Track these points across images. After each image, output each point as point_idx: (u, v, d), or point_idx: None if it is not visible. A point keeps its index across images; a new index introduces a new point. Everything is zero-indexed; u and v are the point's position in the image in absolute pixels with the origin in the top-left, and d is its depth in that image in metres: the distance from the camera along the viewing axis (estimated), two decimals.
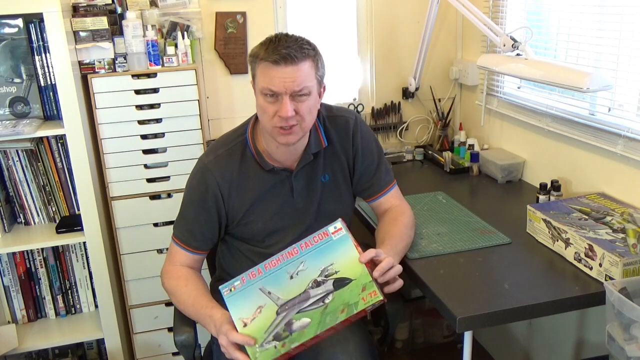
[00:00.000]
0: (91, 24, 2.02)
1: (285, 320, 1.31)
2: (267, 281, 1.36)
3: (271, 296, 1.34)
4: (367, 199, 1.71)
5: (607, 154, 1.76)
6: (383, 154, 1.70)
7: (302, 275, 1.34)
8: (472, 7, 2.04)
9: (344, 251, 1.35)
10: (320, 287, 1.32)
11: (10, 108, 2.05)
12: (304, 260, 1.35)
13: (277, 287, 1.35)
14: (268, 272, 1.36)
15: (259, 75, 1.43)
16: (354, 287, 1.31)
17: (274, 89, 1.40)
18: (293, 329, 1.30)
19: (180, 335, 1.57)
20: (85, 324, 2.24)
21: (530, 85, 2.14)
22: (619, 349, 1.27)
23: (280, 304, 1.33)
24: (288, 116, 1.41)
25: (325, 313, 1.30)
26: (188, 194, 1.60)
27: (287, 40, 1.41)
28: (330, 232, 1.37)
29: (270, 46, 1.40)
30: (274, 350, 1.29)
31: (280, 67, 1.38)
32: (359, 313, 1.29)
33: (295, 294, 1.33)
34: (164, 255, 2.26)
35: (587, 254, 1.46)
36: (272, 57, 1.38)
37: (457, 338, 2.50)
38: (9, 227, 2.12)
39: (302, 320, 1.30)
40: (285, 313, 1.32)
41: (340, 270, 1.33)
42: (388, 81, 2.59)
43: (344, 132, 1.62)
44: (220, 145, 1.59)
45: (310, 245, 1.37)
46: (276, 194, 1.57)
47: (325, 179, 1.61)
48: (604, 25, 1.77)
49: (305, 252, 1.36)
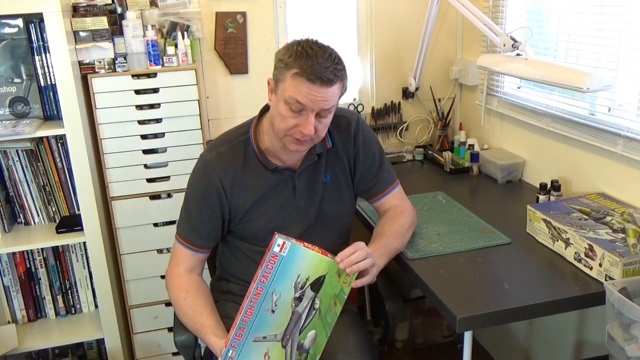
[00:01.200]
0: (91, 24, 2.02)
1: (294, 346, 1.32)
2: (255, 330, 1.32)
3: (268, 338, 1.33)
4: (369, 200, 1.71)
5: (607, 154, 1.76)
6: (384, 155, 1.70)
7: (280, 303, 1.33)
8: (472, 7, 2.04)
9: (301, 259, 1.33)
10: (303, 300, 1.33)
11: (10, 108, 2.05)
12: (273, 290, 1.32)
13: (267, 327, 1.33)
14: (250, 323, 1.32)
15: (289, 84, 1.39)
16: (330, 280, 1.34)
17: (303, 102, 1.39)
18: (306, 347, 1.33)
19: (180, 336, 1.57)
20: (85, 324, 2.24)
21: (530, 85, 2.14)
22: (619, 349, 1.27)
23: (279, 337, 1.33)
24: (311, 135, 1.42)
25: (323, 316, 1.32)
26: (190, 191, 1.59)
27: (324, 58, 1.39)
28: (278, 252, 1.33)
29: (307, 62, 1.37)
30: None
31: (315, 85, 1.37)
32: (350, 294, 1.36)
33: (287, 321, 1.33)
34: (164, 255, 2.27)
35: (587, 254, 1.46)
36: (308, 75, 1.36)
37: (457, 338, 2.50)
38: (9, 227, 2.12)
39: (309, 334, 1.33)
40: (290, 342, 1.33)
41: (310, 275, 1.34)
42: (388, 81, 2.59)
43: (346, 132, 1.62)
44: (222, 143, 1.58)
45: (268, 274, 1.32)
46: (278, 192, 1.57)
47: (327, 179, 1.61)
48: (604, 25, 1.77)
49: (270, 283, 1.32)
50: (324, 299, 1.33)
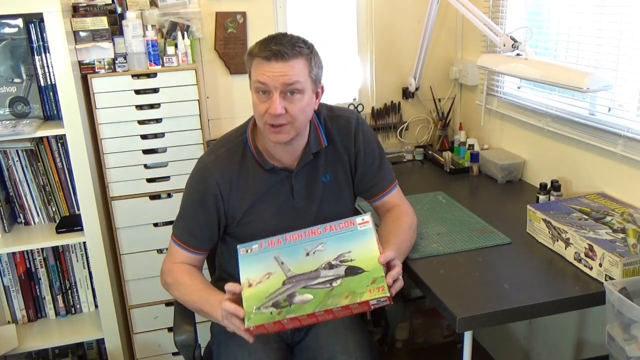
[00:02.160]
0: (91, 24, 2.02)
1: (289, 292, 1.32)
2: (284, 252, 1.39)
3: (283, 266, 1.37)
4: (369, 199, 1.71)
5: (607, 154, 1.76)
6: (384, 155, 1.70)
7: (318, 254, 1.37)
8: (472, 7, 2.04)
9: (364, 244, 1.36)
10: (331, 270, 1.34)
11: (10, 108, 2.05)
12: (324, 242, 1.38)
13: (291, 259, 1.37)
14: (286, 244, 1.40)
15: (253, 71, 1.45)
16: (364, 278, 1.32)
17: (263, 81, 1.41)
18: (293, 301, 1.31)
19: (180, 335, 1.57)
20: (85, 324, 2.24)
21: (530, 85, 2.14)
22: (619, 349, 1.27)
23: (289, 275, 1.35)
24: (277, 113, 1.41)
25: (329, 295, 1.30)
26: (188, 193, 1.60)
27: (282, 39, 1.43)
28: (357, 223, 1.40)
29: (263, 44, 1.43)
30: (269, 315, 1.30)
31: (271, 62, 1.40)
32: (362, 304, 1.29)
33: (306, 271, 1.35)
34: (164, 255, 2.26)
35: (587, 254, 1.46)
36: (264, 52, 1.41)
37: (457, 338, 2.50)
38: (9, 227, 2.12)
39: (305, 295, 1.31)
40: (291, 285, 1.33)
41: (356, 260, 1.35)
42: (388, 81, 2.59)
43: (346, 131, 1.62)
44: (220, 145, 1.59)
45: (334, 229, 1.40)
46: (276, 194, 1.57)
47: (327, 179, 1.61)
48: (604, 25, 1.77)
49: (327, 235, 1.39)
50: (344, 285, 1.32)
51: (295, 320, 1.30)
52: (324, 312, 1.29)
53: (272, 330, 1.32)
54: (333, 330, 1.58)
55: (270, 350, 1.54)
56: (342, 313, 1.30)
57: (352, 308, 1.29)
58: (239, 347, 1.53)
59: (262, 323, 1.29)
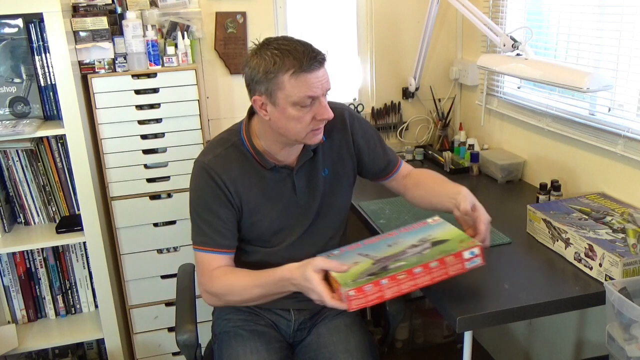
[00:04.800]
0: (91, 24, 2.02)
1: (382, 265, 1.33)
2: (365, 250, 1.42)
3: (368, 256, 1.38)
4: (387, 176, 1.72)
5: (607, 154, 1.76)
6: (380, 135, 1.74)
7: (400, 243, 1.41)
8: (472, 7, 2.04)
9: (442, 229, 1.44)
10: (418, 247, 1.38)
11: (10, 108, 2.05)
12: (402, 239, 1.43)
13: (375, 252, 1.39)
14: (365, 246, 1.43)
15: (292, 87, 1.36)
16: (451, 243, 1.37)
17: (314, 94, 1.38)
18: (389, 268, 1.31)
19: (182, 335, 1.56)
20: (85, 324, 2.24)
21: (530, 85, 2.14)
22: (619, 349, 1.27)
23: (377, 259, 1.36)
24: (332, 116, 1.43)
25: (422, 259, 1.33)
26: (198, 197, 1.51)
27: (300, 44, 1.38)
28: (429, 222, 1.49)
29: (295, 56, 1.35)
30: (366, 280, 1.29)
31: (315, 72, 1.37)
32: (457, 258, 1.32)
33: (393, 253, 1.37)
34: (164, 255, 2.27)
35: (587, 254, 1.46)
36: (305, 66, 1.35)
37: (457, 338, 2.50)
38: (9, 227, 2.12)
39: (398, 264, 1.32)
40: (382, 262, 1.34)
41: (438, 236, 1.41)
42: (388, 81, 2.59)
43: (341, 125, 1.61)
44: (215, 146, 1.54)
45: (408, 229, 1.47)
46: (279, 192, 1.56)
47: (326, 173, 1.60)
48: (604, 25, 1.77)
49: (403, 234, 1.45)
50: (434, 249, 1.36)
51: (394, 281, 1.28)
52: (421, 269, 1.30)
53: (372, 299, 1.27)
54: (334, 330, 1.58)
55: (272, 350, 1.54)
56: (439, 273, 1.31)
57: (447, 263, 1.31)
58: (241, 347, 1.53)
59: (361, 285, 1.26)
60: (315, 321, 1.64)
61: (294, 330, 1.63)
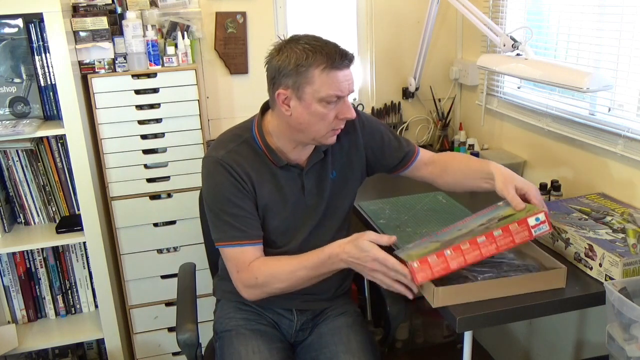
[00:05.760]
0: (91, 24, 2.02)
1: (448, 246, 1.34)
2: (436, 237, 1.43)
3: (437, 242, 1.39)
4: (406, 166, 1.70)
5: (607, 154, 1.76)
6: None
7: (469, 226, 1.42)
8: (472, 7, 2.04)
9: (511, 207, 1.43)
10: (485, 225, 1.38)
11: (10, 108, 2.05)
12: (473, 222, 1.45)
13: (444, 237, 1.41)
14: (437, 236, 1.44)
15: (322, 82, 1.36)
16: (517, 215, 1.37)
17: (341, 93, 1.39)
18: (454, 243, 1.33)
19: (183, 334, 1.55)
20: (85, 324, 2.24)
21: (530, 85, 2.14)
22: (619, 349, 1.27)
23: (444, 241, 1.37)
24: (354, 116, 1.44)
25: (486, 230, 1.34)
26: (219, 193, 1.46)
27: (329, 42, 1.39)
28: (499, 204, 1.49)
29: (326, 52, 1.35)
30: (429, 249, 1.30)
31: (344, 70, 1.39)
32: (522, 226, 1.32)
33: (462, 234, 1.38)
34: (164, 255, 2.27)
35: (587, 254, 1.46)
36: (337, 63, 1.36)
37: (457, 338, 2.50)
38: (9, 227, 2.12)
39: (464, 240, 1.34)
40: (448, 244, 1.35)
41: (504, 214, 1.41)
42: (388, 81, 2.59)
43: (351, 127, 1.60)
44: (227, 142, 1.51)
45: (479, 214, 1.49)
46: (289, 191, 1.54)
47: (334, 175, 1.60)
48: (604, 25, 1.77)
49: (475, 218, 1.47)
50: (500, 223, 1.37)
51: (458, 251, 1.28)
52: (484, 238, 1.30)
53: (438, 270, 1.28)
54: (335, 330, 1.58)
55: (273, 349, 1.54)
56: (505, 241, 1.31)
57: (512, 231, 1.31)
58: (243, 346, 1.52)
59: (424, 256, 1.27)
60: (316, 321, 1.64)
61: (296, 330, 1.63)
